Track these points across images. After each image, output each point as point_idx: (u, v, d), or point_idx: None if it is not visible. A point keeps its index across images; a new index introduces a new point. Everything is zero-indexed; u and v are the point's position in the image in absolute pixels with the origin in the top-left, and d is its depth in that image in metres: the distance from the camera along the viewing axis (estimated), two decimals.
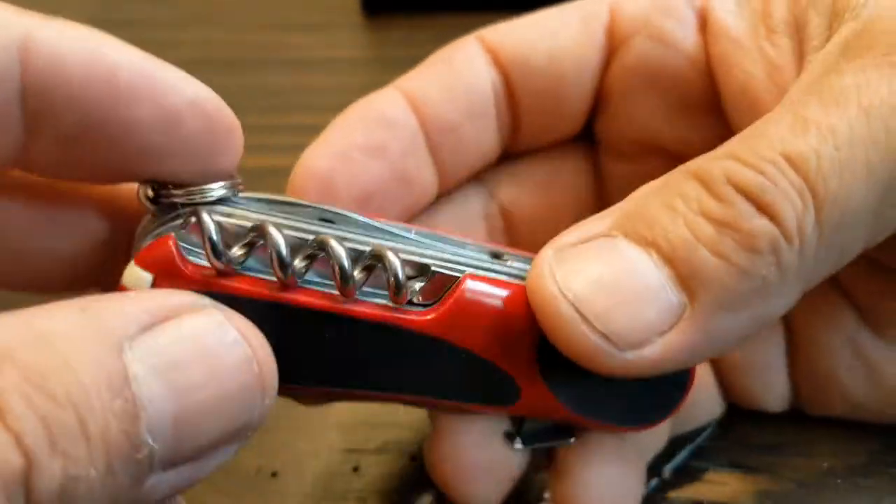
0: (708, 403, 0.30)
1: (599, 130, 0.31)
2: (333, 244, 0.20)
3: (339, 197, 0.26)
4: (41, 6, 0.20)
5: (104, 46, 0.18)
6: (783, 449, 0.29)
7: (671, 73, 0.29)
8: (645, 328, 0.20)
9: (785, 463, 0.29)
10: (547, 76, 0.29)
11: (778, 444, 0.29)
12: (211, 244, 0.18)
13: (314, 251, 0.20)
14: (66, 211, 0.22)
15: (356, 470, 0.30)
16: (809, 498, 0.28)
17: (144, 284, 0.19)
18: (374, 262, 0.20)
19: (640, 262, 0.21)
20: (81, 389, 0.15)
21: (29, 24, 0.18)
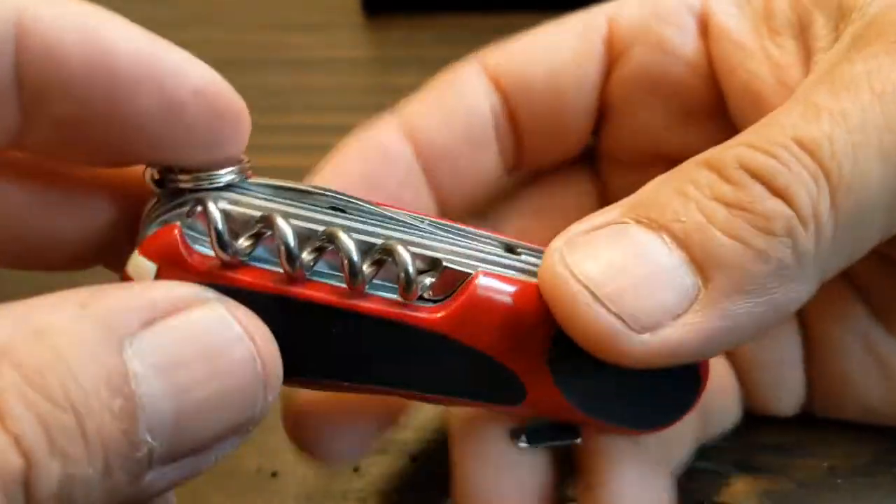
0: (733, 408, 0.29)
1: (603, 144, 0.31)
2: (343, 237, 0.19)
3: None
4: None
5: (104, 30, 0.17)
6: (785, 449, 0.29)
7: (673, 80, 0.29)
8: (659, 310, 0.20)
9: (787, 463, 0.29)
10: (548, 94, 0.29)
11: (780, 444, 0.29)
12: (217, 235, 0.18)
13: (323, 244, 0.19)
14: (67, 190, 0.21)
15: (356, 470, 0.30)
16: (811, 498, 0.28)
17: (148, 275, 0.18)
18: (384, 256, 0.20)
19: (652, 245, 0.20)
20: (80, 389, 0.15)
21: (25, 3, 0.17)
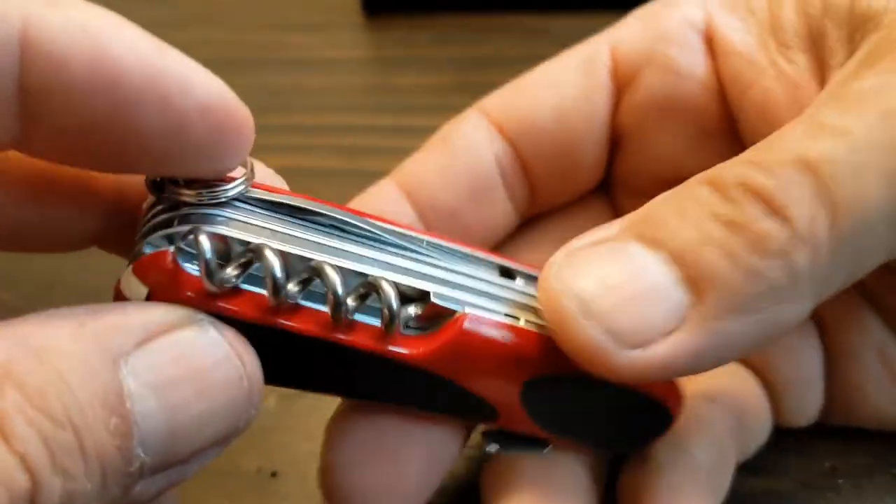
0: (767, 426, 0.29)
1: (617, 171, 0.30)
2: (329, 272, 0.19)
3: None
4: None
5: (111, 40, 0.17)
6: (787, 449, 0.29)
7: (685, 100, 0.28)
8: (651, 327, 0.20)
9: (789, 463, 0.29)
10: (557, 133, 0.29)
11: (782, 444, 0.29)
12: (206, 266, 0.18)
13: (310, 275, 0.20)
14: (67, 183, 0.21)
15: None
16: (813, 498, 0.28)
17: (140, 296, 0.19)
18: (369, 290, 0.20)
19: (648, 262, 0.20)
20: (79, 408, 0.16)
21: (31, 10, 0.17)
